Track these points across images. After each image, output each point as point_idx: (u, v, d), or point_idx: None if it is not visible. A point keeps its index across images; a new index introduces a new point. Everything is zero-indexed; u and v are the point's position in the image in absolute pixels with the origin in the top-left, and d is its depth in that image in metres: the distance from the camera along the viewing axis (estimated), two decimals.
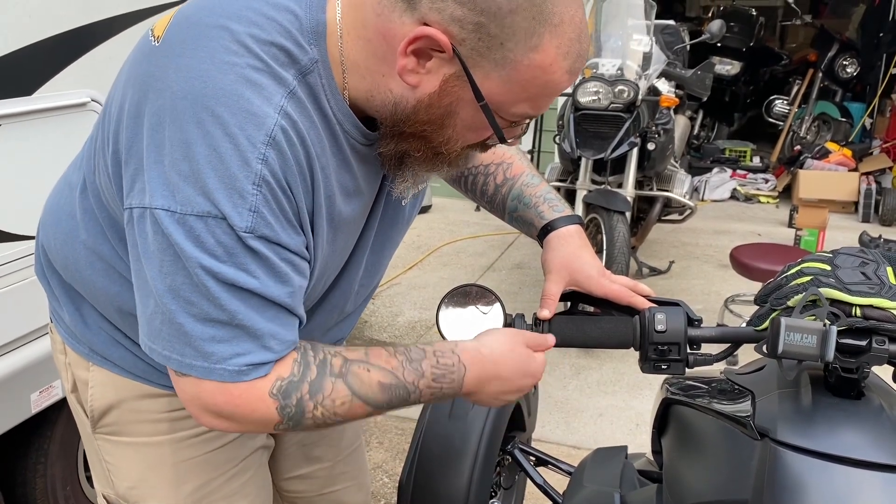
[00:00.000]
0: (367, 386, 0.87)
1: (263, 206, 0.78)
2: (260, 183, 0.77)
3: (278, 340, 0.84)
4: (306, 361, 0.87)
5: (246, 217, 0.77)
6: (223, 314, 0.80)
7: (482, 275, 4.35)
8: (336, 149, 0.86)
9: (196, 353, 0.81)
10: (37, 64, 1.66)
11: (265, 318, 0.82)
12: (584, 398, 3.01)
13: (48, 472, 1.88)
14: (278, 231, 0.80)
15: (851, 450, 0.79)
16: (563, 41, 0.77)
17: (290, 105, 0.79)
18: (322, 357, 0.88)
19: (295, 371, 0.85)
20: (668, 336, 0.96)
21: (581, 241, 1.10)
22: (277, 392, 0.84)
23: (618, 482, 1.19)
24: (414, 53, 0.78)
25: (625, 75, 3.33)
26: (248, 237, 0.78)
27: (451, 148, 0.85)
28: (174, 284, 0.80)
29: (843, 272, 0.89)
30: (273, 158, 0.78)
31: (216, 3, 0.83)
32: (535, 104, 0.83)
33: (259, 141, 0.77)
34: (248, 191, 0.77)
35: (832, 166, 5.72)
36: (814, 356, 0.81)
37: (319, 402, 0.86)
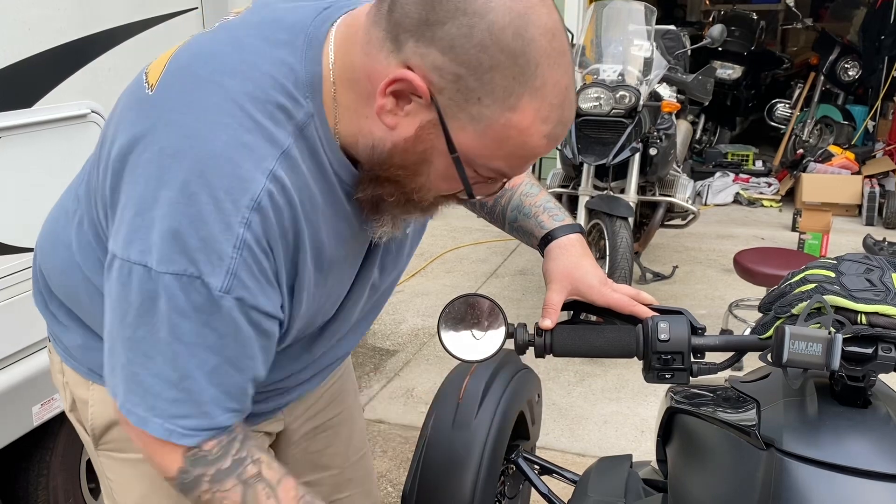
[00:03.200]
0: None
1: (242, 269, 0.78)
2: (241, 246, 0.77)
3: (221, 408, 0.84)
4: (227, 450, 0.87)
5: (222, 279, 0.77)
6: (174, 373, 0.81)
7: (485, 281, 4.34)
8: (331, 198, 0.86)
9: (140, 401, 0.83)
10: (37, 76, 1.66)
11: (214, 383, 0.82)
12: (588, 405, 3.00)
13: (50, 484, 1.87)
14: (256, 293, 0.80)
15: (858, 459, 0.79)
16: (542, 105, 0.75)
17: (281, 167, 0.79)
18: (242, 457, 0.88)
19: (214, 451, 0.86)
20: (671, 345, 0.95)
21: (582, 249, 1.09)
22: (189, 456, 0.85)
23: (622, 492, 1.18)
24: (393, 95, 0.76)
25: (626, 81, 3.33)
26: (221, 297, 0.78)
27: (423, 196, 0.84)
28: (135, 336, 0.80)
29: (847, 279, 0.88)
30: (256, 223, 0.78)
31: (212, 55, 0.82)
32: (511, 164, 0.80)
33: (243, 205, 0.77)
34: (228, 253, 0.77)
35: (835, 169, 5.71)
36: (819, 365, 0.80)
37: (212, 491, 0.87)
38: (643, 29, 3.54)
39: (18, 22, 1.61)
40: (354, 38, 0.79)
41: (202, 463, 0.86)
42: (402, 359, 3.41)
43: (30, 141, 1.65)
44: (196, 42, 0.86)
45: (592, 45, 3.60)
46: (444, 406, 1.58)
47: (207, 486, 0.87)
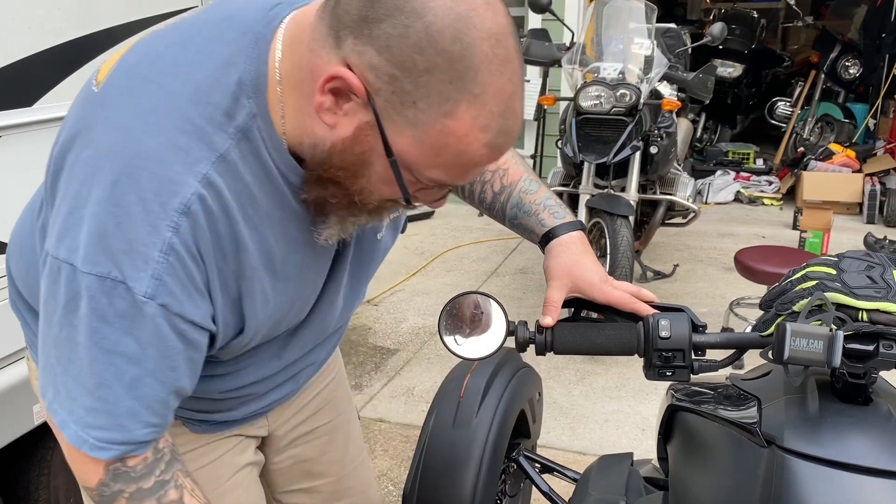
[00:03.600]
0: None
1: (168, 274, 0.76)
2: (167, 251, 0.75)
3: (138, 422, 0.81)
4: (151, 470, 0.85)
5: (146, 283, 0.75)
6: (91, 380, 0.78)
7: (486, 280, 4.34)
8: (279, 200, 0.84)
9: (61, 404, 0.81)
10: (37, 75, 1.66)
11: (132, 395, 0.79)
12: (589, 404, 3.00)
13: (51, 483, 1.87)
14: (182, 301, 0.78)
15: (859, 457, 0.78)
16: (482, 113, 0.72)
17: (217, 171, 0.77)
18: (166, 479, 0.86)
19: (138, 468, 0.84)
20: (672, 342, 0.95)
21: (583, 247, 1.09)
22: (111, 469, 0.83)
23: (623, 490, 1.18)
24: (332, 92, 0.74)
25: (626, 79, 3.32)
26: (145, 303, 0.76)
27: (365, 199, 0.81)
28: (59, 336, 0.79)
29: (848, 276, 0.88)
30: (186, 228, 0.76)
31: (158, 55, 0.81)
32: (450, 173, 0.77)
33: (172, 209, 0.75)
34: (153, 257, 0.75)
35: (836, 168, 5.70)
36: (820, 362, 0.80)
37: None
38: (644, 27, 3.54)
39: (19, 21, 1.61)
40: (302, 35, 0.77)
41: (123, 479, 0.84)
42: (402, 358, 3.41)
43: (30, 140, 1.65)
44: (147, 41, 0.85)
45: (593, 43, 3.59)
46: (445, 405, 1.58)
47: (123, 502, 0.84)
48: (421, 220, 5.49)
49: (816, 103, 6.48)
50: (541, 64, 3.95)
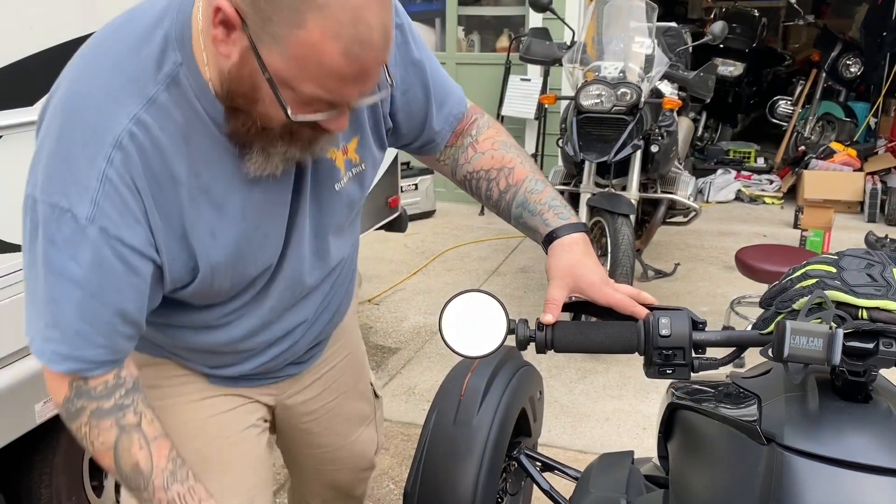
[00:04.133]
0: (127, 454, 0.97)
1: (105, 201, 0.87)
2: (103, 179, 0.87)
3: (86, 342, 0.92)
4: (111, 392, 0.96)
5: (86, 208, 0.87)
6: (46, 299, 0.91)
7: (487, 279, 4.34)
8: (213, 142, 0.93)
9: (30, 320, 0.95)
10: (38, 74, 1.66)
11: (79, 315, 0.90)
12: (590, 402, 3.00)
13: (53, 482, 1.88)
14: (120, 226, 0.88)
15: (859, 454, 0.78)
16: (330, 23, 0.78)
17: (146, 112, 0.88)
18: (125, 403, 0.97)
19: (98, 389, 0.95)
20: (672, 340, 0.95)
21: (585, 248, 1.09)
22: (74, 386, 0.95)
23: (624, 488, 1.18)
24: (222, 24, 0.82)
25: (627, 78, 3.32)
26: (87, 225, 0.87)
27: (267, 124, 0.88)
28: (27, 263, 0.93)
29: (848, 274, 0.88)
30: (119, 160, 0.87)
31: (109, 25, 0.96)
32: (324, 86, 0.82)
33: (107, 143, 0.87)
34: (92, 185, 0.87)
35: (837, 166, 5.70)
36: (820, 360, 0.80)
37: (90, 425, 0.96)
38: (644, 26, 3.53)
39: (19, 21, 1.61)
40: None
41: (85, 396, 0.95)
42: (403, 356, 3.42)
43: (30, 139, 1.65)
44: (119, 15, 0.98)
45: (594, 42, 3.59)
46: (446, 403, 1.58)
47: (86, 418, 0.96)
48: (422, 220, 5.49)
49: (817, 102, 6.47)
50: (541, 63, 3.95)
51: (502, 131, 1.25)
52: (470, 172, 1.22)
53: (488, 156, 1.20)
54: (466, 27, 5.90)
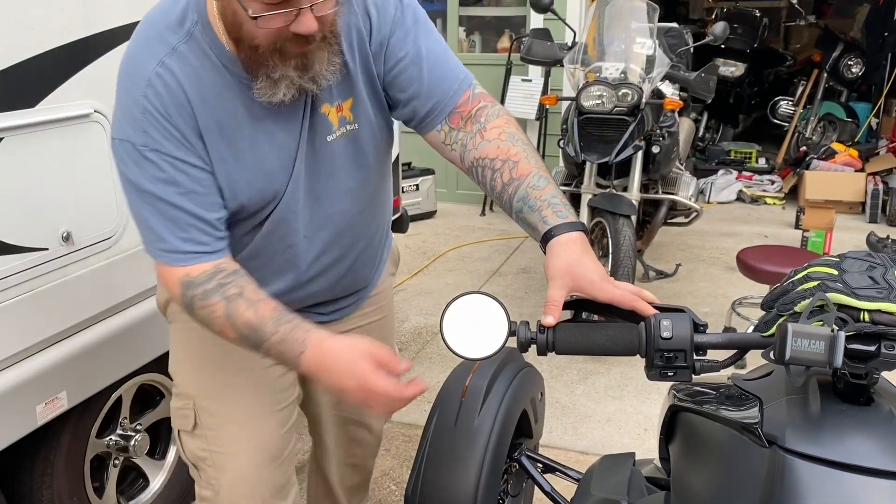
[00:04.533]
0: (238, 317, 1.15)
1: (151, 128, 1.14)
2: (144, 112, 1.14)
3: (174, 237, 1.16)
4: (212, 276, 1.17)
5: (140, 136, 1.14)
6: (138, 212, 1.18)
7: (488, 280, 4.34)
8: (224, 83, 1.17)
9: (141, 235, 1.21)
10: (40, 76, 1.66)
11: (160, 216, 1.16)
12: (591, 403, 3.00)
13: (54, 483, 1.88)
14: (167, 146, 1.14)
15: (861, 457, 0.78)
16: None
17: (170, 59, 1.15)
18: (225, 281, 1.17)
19: (199, 278, 1.17)
20: (673, 343, 0.95)
21: (583, 247, 1.09)
22: (181, 280, 1.18)
23: (625, 490, 1.18)
24: None
25: (628, 79, 3.32)
26: (144, 150, 1.14)
27: (257, 39, 1.08)
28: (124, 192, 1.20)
29: (850, 276, 0.88)
30: (152, 95, 1.14)
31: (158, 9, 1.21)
32: None
33: (142, 83, 1.14)
34: (138, 118, 1.14)
35: (838, 167, 5.69)
36: (822, 362, 0.80)
37: (203, 306, 1.17)
38: (645, 27, 3.53)
39: (21, 22, 1.61)
40: None
41: (192, 286, 1.17)
42: (405, 357, 3.41)
43: (33, 141, 1.65)
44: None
45: (595, 42, 3.59)
46: (447, 404, 1.58)
47: (200, 302, 1.17)
48: (423, 220, 5.49)
49: (819, 102, 6.47)
50: (543, 64, 3.95)
51: (512, 123, 1.27)
52: (476, 159, 1.24)
53: (494, 144, 1.22)
54: (467, 28, 5.90)
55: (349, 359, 1.12)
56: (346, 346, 1.13)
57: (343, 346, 1.13)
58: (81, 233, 1.78)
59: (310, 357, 1.13)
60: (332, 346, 1.13)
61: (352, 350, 1.12)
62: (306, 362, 1.13)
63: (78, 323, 1.80)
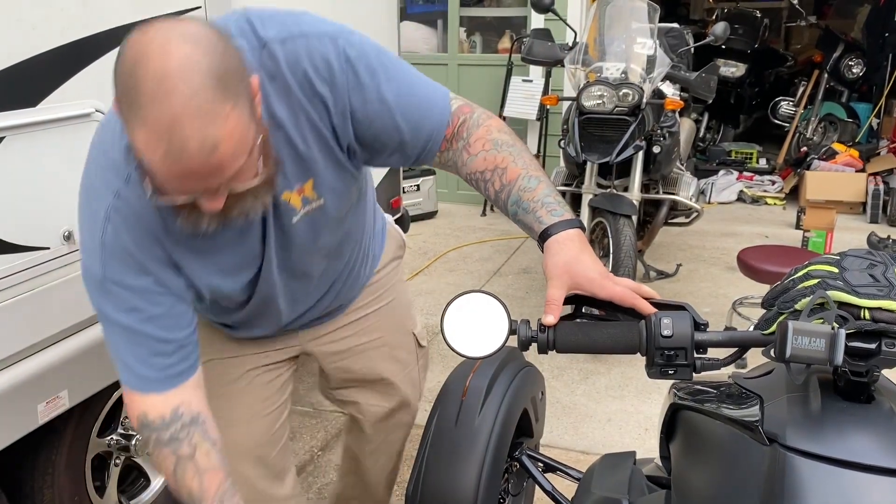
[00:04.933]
0: (183, 481, 1.15)
1: (111, 260, 1.12)
2: (103, 246, 1.12)
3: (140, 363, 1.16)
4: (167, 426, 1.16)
5: (100, 268, 1.13)
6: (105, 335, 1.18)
7: (488, 280, 4.34)
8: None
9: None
10: (41, 75, 1.67)
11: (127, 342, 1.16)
12: (592, 403, 3.00)
13: (56, 483, 1.88)
14: (128, 279, 1.13)
15: (861, 455, 0.78)
16: (150, 136, 0.90)
17: (126, 187, 1.10)
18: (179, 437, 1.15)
19: (155, 422, 1.16)
20: (674, 341, 0.95)
21: (581, 244, 1.09)
22: (138, 420, 1.18)
23: (626, 488, 1.18)
24: None
25: (629, 79, 3.32)
26: (105, 282, 1.13)
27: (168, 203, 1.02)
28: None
29: (850, 274, 0.88)
30: (109, 231, 1.11)
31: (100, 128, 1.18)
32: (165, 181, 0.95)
33: (100, 218, 1.12)
34: (97, 251, 1.13)
35: (839, 167, 5.69)
36: (822, 360, 0.80)
37: (155, 452, 1.17)
38: (646, 27, 3.53)
39: (22, 22, 1.61)
40: None
41: (148, 428, 1.16)
42: None
43: (34, 140, 1.66)
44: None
45: (595, 43, 3.59)
46: (448, 404, 1.58)
47: (152, 446, 1.17)
48: (424, 220, 5.49)
49: (819, 103, 6.47)
50: (543, 64, 3.95)
51: (493, 128, 1.22)
52: (469, 174, 1.23)
53: (480, 158, 1.20)
54: (468, 28, 5.90)
55: None
56: None
57: None
58: None
59: None
60: None
61: None
62: None
63: (79, 322, 1.80)
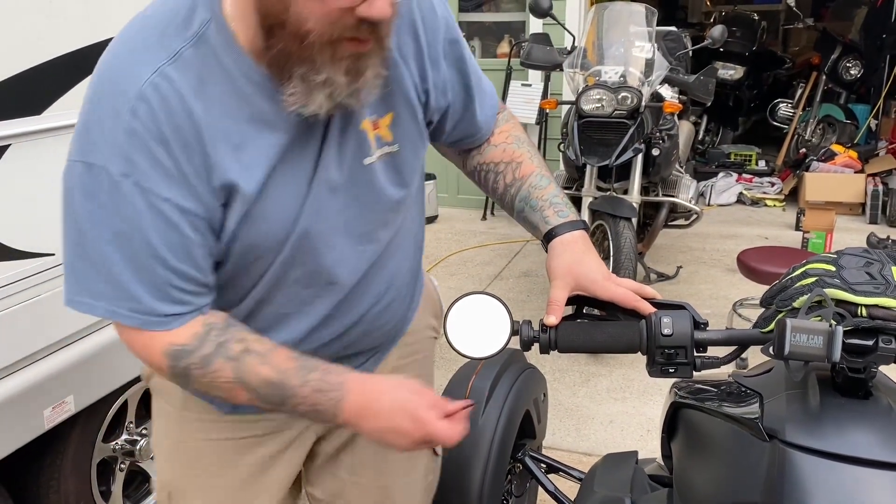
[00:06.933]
0: (253, 375, 0.95)
1: (136, 154, 0.87)
2: (130, 133, 0.87)
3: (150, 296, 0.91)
4: (206, 338, 0.95)
5: (119, 163, 0.87)
6: (99, 259, 0.90)
7: (489, 284, 4.35)
8: (242, 103, 0.92)
9: (83, 289, 0.92)
10: (46, 83, 1.68)
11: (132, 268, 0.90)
12: (594, 405, 3.01)
13: (61, 487, 1.89)
14: (155, 181, 0.88)
15: (860, 449, 0.80)
16: None
17: (171, 66, 0.88)
18: (223, 339, 0.96)
19: (191, 342, 0.95)
20: (674, 339, 0.96)
21: (585, 245, 1.10)
22: (167, 353, 0.95)
23: (628, 487, 1.19)
24: None
25: (628, 82, 3.34)
26: (123, 181, 0.87)
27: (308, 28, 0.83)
28: (66, 228, 0.91)
29: (847, 272, 0.89)
30: (144, 113, 0.87)
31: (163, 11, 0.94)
32: None
33: (130, 96, 0.87)
34: (120, 139, 0.87)
35: (838, 168, 5.70)
36: (820, 357, 0.81)
37: (206, 374, 0.95)
38: (644, 30, 3.55)
39: (27, 31, 1.63)
40: None
41: (183, 355, 0.95)
42: None
43: (38, 147, 1.67)
44: None
45: (594, 47, 3.61)
46: None
47: (198, 371, 0.95)
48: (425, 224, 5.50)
49: (818, 104, 6.48)
50: (542, 68, 3.97)
51: (518, 126, 1.26)
52: (480, 164, 1.23)
53: (500, 149, 1.21)
54: (467, 33, 5.93)
55: (400, 397, 0.97)
56: (393, 385, 1.00)
57: (389, 384, 1.00)
58: None
59: (353, 403, 0.96)
60: (376, 387, 0.98)
61: (400, 387, 0.99)
62: (348, 410, 0.97)
63: (84, 328, 1.82)
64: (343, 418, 0.97)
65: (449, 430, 0.97)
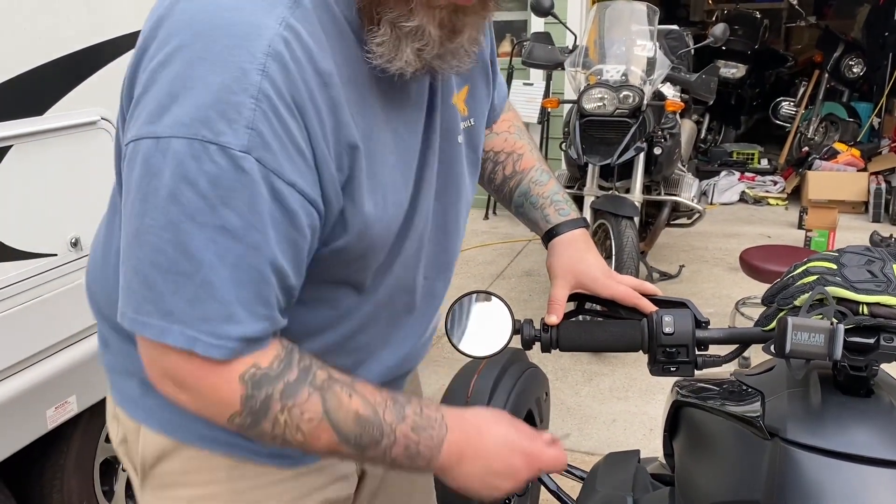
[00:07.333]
0: (343, 410, 0.76)
1: (263, 124, 0.66)
2: (259, 97, 0.66)
3: (248, 312, 0.70)
4: (290, 360, 0.76)
5: (242, 134, 0.66)
6: (189, 264, 0.68)
7: (492, 283, 4.35)
8: (357, 63, 0.75)
9: (154, 308, 0.69)
10: (47, 84, 1.69)
11: (236, 276, 0.69)
12: (596, 404, 3.01)
13: (64, 487, 1.89)
14: (280, 158, 0.68)
15: (862, 447, 0.79)
16: None
17: (294, 16, 0.69)
18: (307, 364, 0.77)
19: (275, 366, 0.74)
20: (676, 338, 0.97)
21: (585, 244, 1.10)
22: (249, 379, 0.73)
23: (630, 486, 1.19)
24: None
25: (629, 81, 3.34)
26: (242, 158, 0.66)
27: None
28: (142, 226, 0.69)
29: (849, 270, 0.89)
30: (275, 71, 0.67)
31: None
32: None
33: (259, 51, 0.66)
34: (247, 104, 0.66)
35: (841, 167, 5.70)
36: (822, 355, 0.81)
37: (288, 408, 0.75)
38: (646, 29, 3.55)
39: (29, 32, 1.63)
40: None
41: (266, 382, 0.73)
42: None
43: (41, 148, 1.67)
44: None
45: (595, 45, 3.61)
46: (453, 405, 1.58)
47: (280, 404, 0.74)
48: None
49: (820, 103, 6.48)
50: (544, 67, 3.97)
51: (519, 117, 1.23)
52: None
53: (502, 137, 1.19)
54: None
55: (502, 432, 0.85)
56: (486, 418, 0.86)
57: (482, 418, 0.86)
58: (90, 238, 1.79)
59: (453, 444, 0.82)
60: (471, 421, 0.85)
61: (497, 421, 0.86)
62: (448, 451, 0.81)
63: (87, 328, 1.82)
64: (439, 462, 0.81)
65: (558, 458, 0.89)
